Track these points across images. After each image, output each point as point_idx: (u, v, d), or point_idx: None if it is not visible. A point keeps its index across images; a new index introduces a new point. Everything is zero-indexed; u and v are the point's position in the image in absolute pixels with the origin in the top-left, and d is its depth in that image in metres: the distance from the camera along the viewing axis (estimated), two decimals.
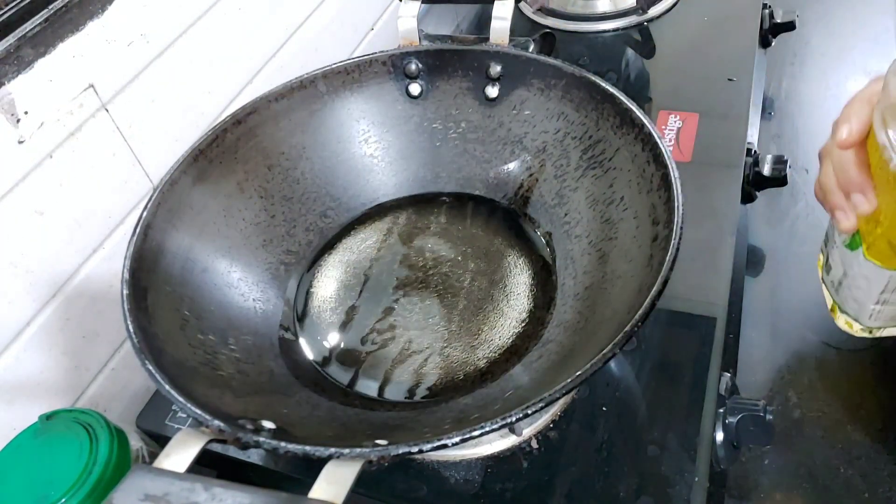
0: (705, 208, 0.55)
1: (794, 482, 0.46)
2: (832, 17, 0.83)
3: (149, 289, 0.40)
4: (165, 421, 0.49)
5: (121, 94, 0.52)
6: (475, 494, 0.42)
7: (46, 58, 0.46)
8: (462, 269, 0.50)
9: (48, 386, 0.49)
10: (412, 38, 0.53)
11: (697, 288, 0.51)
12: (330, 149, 0.54)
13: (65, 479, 0.40)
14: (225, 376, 0.40)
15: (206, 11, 0.58)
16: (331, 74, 0.52)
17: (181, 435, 0.30)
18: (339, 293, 0.50)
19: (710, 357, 0.46)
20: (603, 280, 0.43)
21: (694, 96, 0.67)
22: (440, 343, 0.46)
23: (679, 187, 0.39)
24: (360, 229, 0.54)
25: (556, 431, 0.44)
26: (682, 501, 0.39)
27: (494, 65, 0.52)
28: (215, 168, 0.48)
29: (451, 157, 0.55)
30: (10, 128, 0.45)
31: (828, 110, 0.72)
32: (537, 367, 0.42)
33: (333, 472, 0.28)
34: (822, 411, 0.50)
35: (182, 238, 0.44)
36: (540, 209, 0.51)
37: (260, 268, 0.49)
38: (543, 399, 0.30)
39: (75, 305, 0.50)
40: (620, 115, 0.45)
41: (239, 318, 0.45)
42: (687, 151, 0.61)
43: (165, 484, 0.28)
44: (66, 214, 0.49)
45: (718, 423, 0.43)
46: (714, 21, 0.76)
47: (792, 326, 0.55)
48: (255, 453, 0.46)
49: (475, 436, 0.30)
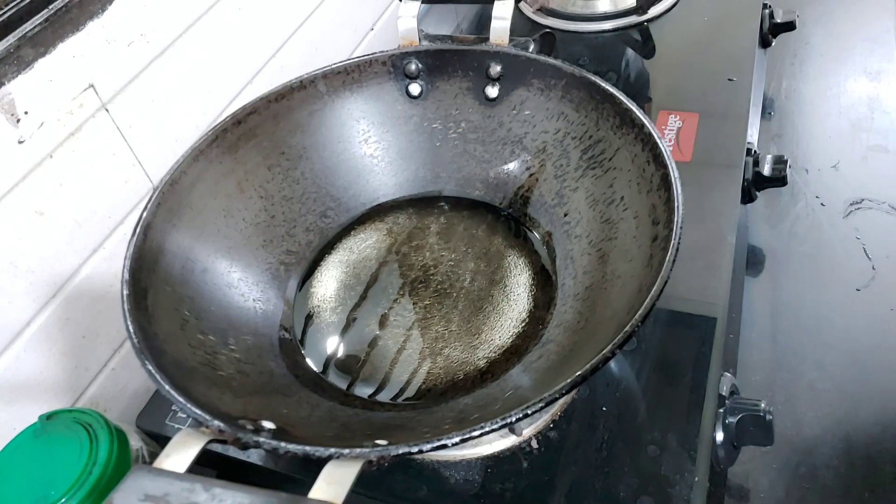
0: (705, 208, 0.55)
1: (794, 482, 0.46)
2: (832, 17, 0.83)
3: (149, 289, 0.40)
4: (165, 421, 0.49)
5: (121, 94, 0.52)
6: (475, 494, 0.42)
7: (46, 58, 0.46)
8: (462, 269, 0.50)
9: (48, 386, 0.49)
10: (412, 38, 0.53)
11: (697, 288, 0.51)
12: (330, 149, 0.54)
13: (65, 479, 0.40)
14: (225, 376, 0.40)
15: (206, 11, 0.58)
16: (331, 74, 0.52)
17: (181, 435, 0.30)
18: (339, 293, 0.50)
19: (710, 357, 0.46)
20: (603, 280, 0.43)
21: (694, 96, 0.67)
22: (440, 343, 0.46)
23: (679, 187, 0.39)
24: (360, 229, 0.54)
25: (556, 431, 0.44)
26: (682, 501, 0.39)
27: (494, 65, 0.52)
28: (215, 168, 0.48)
29: (451, 157, 0.55)
30: (10, 128, 0.45)
31: (828, 110, 0.72)
32: (537, 367, 0.42)
33: (333, 473, 0.28)
34: (821, 411, 0.50)
35: (182, 238, 0.44)
36: (540, 209, 0.51)
37: (260, 268, 0.49)
38: (543, 399, 0.30)
39: (75, 305, 0.50)
40: (620, 115, 0.45)
41: (239, 318, 0.45)
42: (687, 151, 0.61)
43: (165, 484, 0.28)
44: (66, 214, 0.49)
45: (718, 423, 0.43)
46: (714, 21, 0.76)
47: (792, 326, 0.55)
48: (255, 453, 0.46)
49: (475, 436, 0.30)
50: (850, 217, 0.62)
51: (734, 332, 0.51)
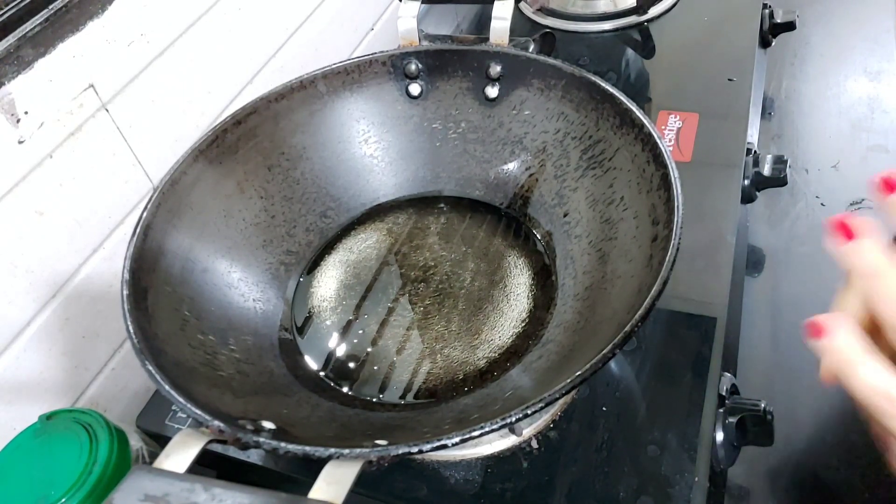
0: (705, 208, 0.55)
1: (794, 482, 0.46)
2: (832, 17, 0.83)
3: (149, 289, 0.40)
4: (165, 421, 0.49)
5: (121, 94, 0.52)
6: (475, 494, 0.42)
7: (46, 58, 0.46)
8: (462, 269, 0.50)
9: (48, 386, 0.49)
10: (412, 38, 0.53)
11: (697, 288, 0.51)
12: (330, 149, 0.54)
13: (65, 479, 0.40)
14: (225, 376, 0.40)
15: (206, 11, 0.58)
16: (331, 75, 0.52)
17: (181, 435, 0.30)
18: (339, 293, 0.50)
19: (710, 357, 0.46)
20: (603, 280, 0.43)
21: (694, 96, 0.67)
22: (440, 343, 0.46)
23: (679, 187, 0.39)
24: (360, 229, 0.54)
25: (556, 431, 0.44)
26: (682, 501, 0.39)
27: (494, 65, 0.52)
28: (215, 168, 0.48)
29: (451, 158, 0.55)
30: (10, 128, 0.45)
31: (828, 110, 0.72)
32: (537, 367, 0.42)
33: (333, 473, 0.28)
34: (821, 411, 0.50)
35: (182, 238, 0.44)
36: (540, 209, 0.51)
37: (260, 268, 0.49)
38: (543, 399, 0.30)
39: (75, 305, 0.50)
40: (620, 115, 0.45)
41: (239, 319, 0.45)
42: (687, 151, 0.61)
43: (165, 484, 0.28)
44: (66, 214, 0.49)
45: (718, 423, 0.43)
46: (714, 21, 0.76)
47: (792, 326, 0.55)
48: (255, 453, 0.46)
49: (475, 436, 0.30)
50: None
51: (734, 332, 0.51)
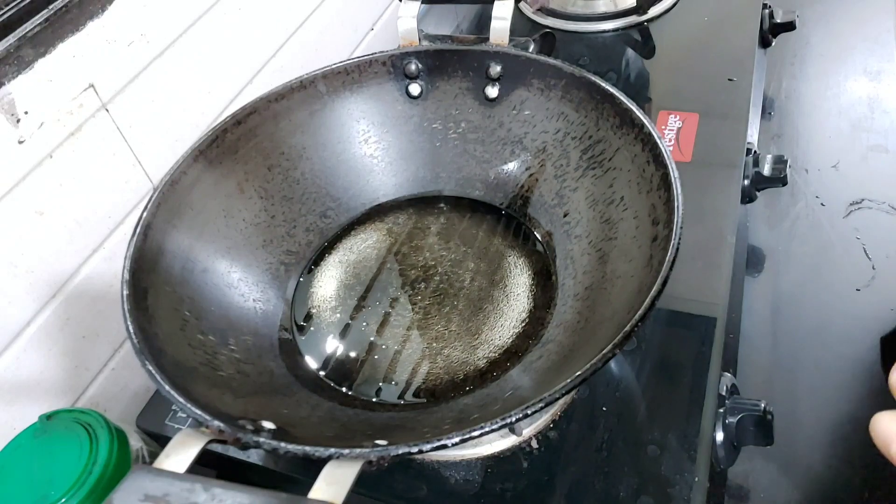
0: (705, 208, 0.55)
1: (794, 482, 0.46)
2: (832, 17, 0.83)
3: (149, 289, 0.40)
4: (165, 421, 0.49)
5: (121, 94, 0.52)
6: (475, 494, 0.42)
7: (46, 58, 0.46)
8: (462, 269, 0.50)
9: (48, 386, 0.49)
10: (412, 38, 0.53)
11: (697, 288, 0.51)
12: (330, 149, 0.54)
13: (65, 479, 0.40)
14: (225, 376, 0.40)
15: (206, 11, 0.58)
16: (331, 75, 0.52)
17: (181, 435, 0.30)
18: (339, 293, 0.50)
19: (710, 357, 0.46)
20: (603, 280, 0.43)
21: (694, 96, 0.67)
22: (440, 343, 0.46)
23: (679, 187, 0.39)
24: (360, 229, 0.54)
25: (556, 431, 0.44)
26: (682, 501, 0.39)
27: (494, 65, 0.52)
28: (215, 168, 0.48)
29: (451, 158, 0.55)
30: (10, 128, 0.45)
31: (828, 110, 0.72)
32: (537, 367, 0.42)
33: (333, 473, 0.28)
34: (821, 411, 0.50)
35: (182, 238, 0.44)
36: (540, 209, 0.51)
37: (260, 268, 0.49)
38: (543, 399, 0.30)
39: (75, 305, 0.50)
40: (620, 115, 0.45)
41: (239, 319, 0.45)
42: (687, 151, 0.61)
43: (165, 484, 0.28)
44: (66, 214, 0.49)
45: (718, 423, 0.43)
46: (714, 21, 0.76)
47: (792, 326, 0.55)
48: (255, 453, 0.46)
49: (475, 436, 0.30)
50: (850, 217, 0.62)
51: (734, 332, 0.51)
